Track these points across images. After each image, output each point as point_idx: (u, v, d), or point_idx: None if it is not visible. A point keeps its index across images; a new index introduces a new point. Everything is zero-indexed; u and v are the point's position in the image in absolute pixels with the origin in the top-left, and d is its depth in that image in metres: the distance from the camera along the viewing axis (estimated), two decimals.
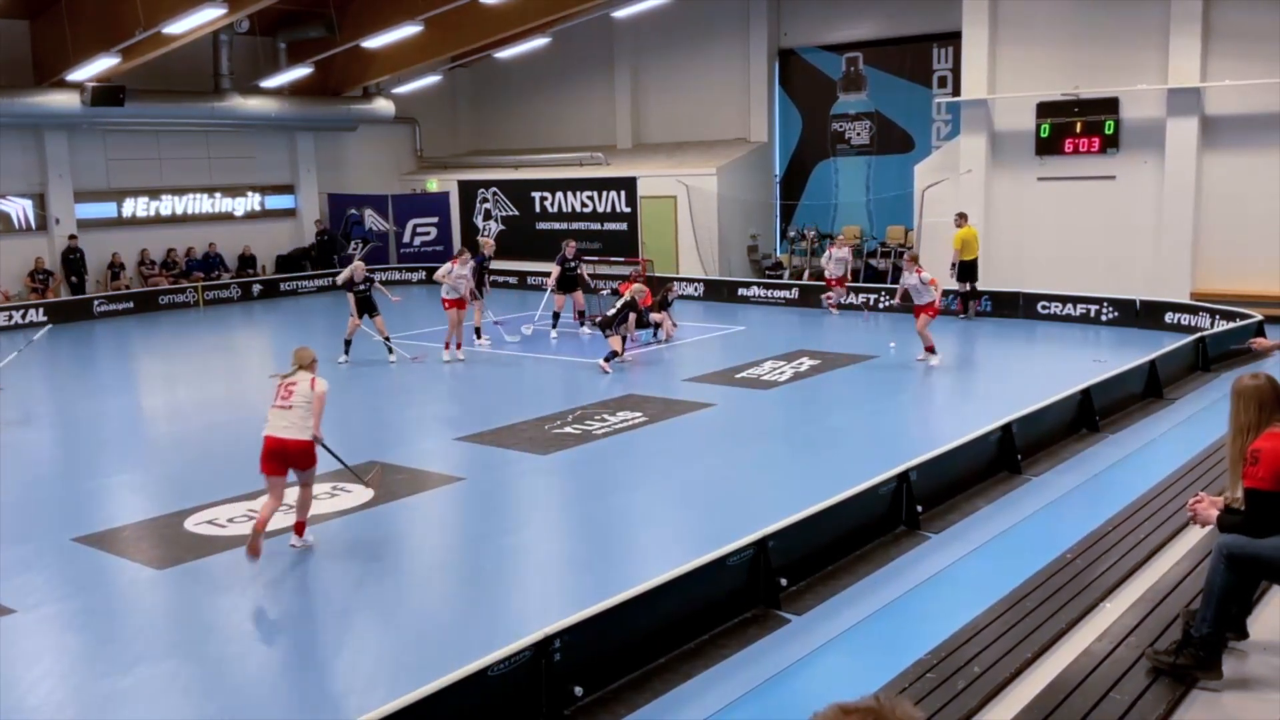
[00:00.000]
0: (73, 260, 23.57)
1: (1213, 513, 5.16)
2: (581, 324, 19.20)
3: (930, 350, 15.47)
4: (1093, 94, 19.65)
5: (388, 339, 16.86)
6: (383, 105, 27.76)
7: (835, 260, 21.12)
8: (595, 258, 24.90)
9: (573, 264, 18.94)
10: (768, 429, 12.84)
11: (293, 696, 6.50)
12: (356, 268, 16.65)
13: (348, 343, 16.71)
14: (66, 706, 6.38)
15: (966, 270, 19.82)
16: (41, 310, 22.32)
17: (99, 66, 20.93)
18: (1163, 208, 19.37)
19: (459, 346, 16.76)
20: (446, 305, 16.71)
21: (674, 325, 18.61)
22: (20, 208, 23.33)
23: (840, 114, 25.02)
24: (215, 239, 26.04)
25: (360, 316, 16.55)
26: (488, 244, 20.05)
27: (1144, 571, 6.94)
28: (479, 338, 18.22)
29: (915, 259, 16.04)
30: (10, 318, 21.95)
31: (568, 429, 12.30)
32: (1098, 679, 5.33)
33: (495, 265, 21.02)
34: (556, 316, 18.92)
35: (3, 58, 22.05)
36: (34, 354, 19.90)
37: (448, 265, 16.92)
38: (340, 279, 17.05)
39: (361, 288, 16.47)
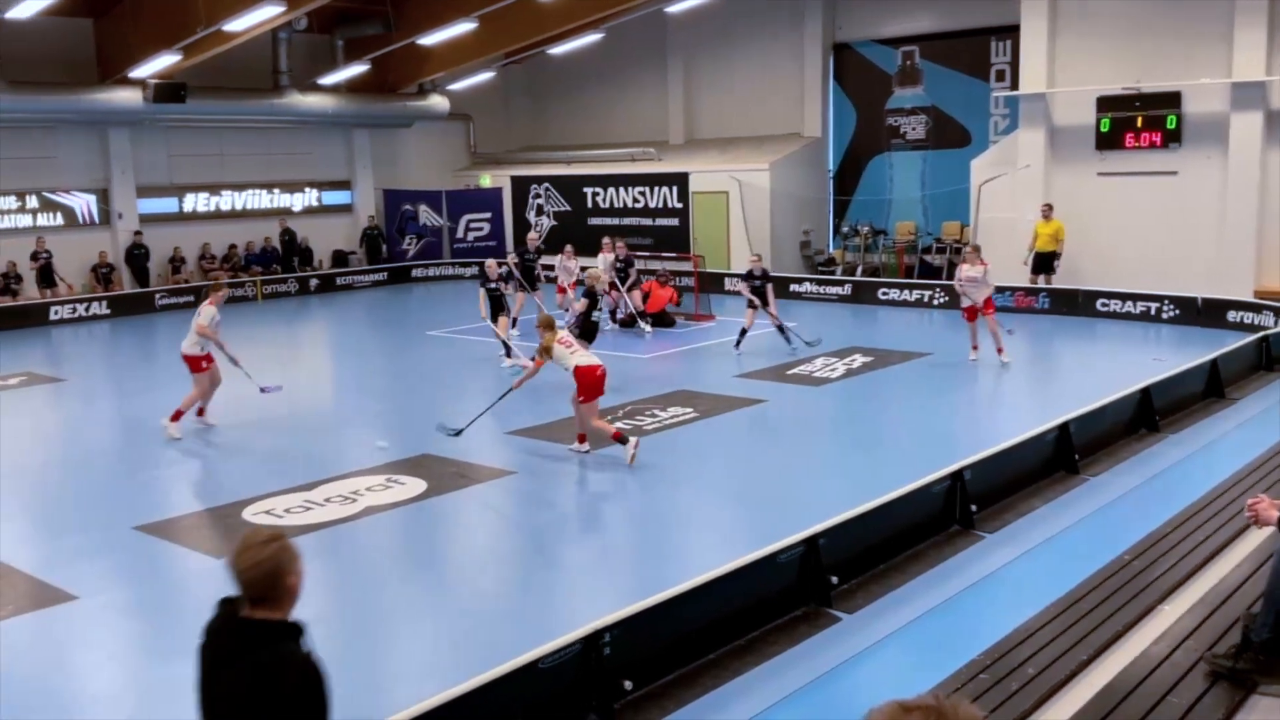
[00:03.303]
0: (137, 256, 24.04)
1: (1273, 514, 5.05)
2: (634, 323, 19.28)
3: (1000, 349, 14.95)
4: (1154, 88, 19.29)
5: (505, 342, 16.06)
6: (438, 102, 27.98)
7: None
8: (646, 253, 24.91)
9: (621, 263, 19.26)
10: (819, 426, 12.78)
11: (346, 684, 6.54)
12: (489, 265, 16.10)
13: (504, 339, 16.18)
14: (127, 692, 6.51)
15: (1044, 262, 19.74)
16: (105, 303, 22.81)
17: (161, 64, 21.30)
18: (1226, 204, 18.98)
19: (201, 413, 12.76)
20: (196, 365, 12.42)
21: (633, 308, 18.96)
22: (84, 203, 23.83)
23: (895, 108, 24.80)
24: (274, 234, 26.39)
25: (494, 317, 15.90)
26: (533, 239, 20.18)
27: (1203, 574, 6.82)
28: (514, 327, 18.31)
29: (978, 250, 15.44)
30: (74, 310, 22.43)
31: (618, 424, 12.31)
32: (1155, 682, 5.25)
33: (547, 260, 21.09)
34: (613, 314, 19.19)
35: (68, 56, 22.51)
36: (97, 347, 20.37)
37: (209, 310, 12.40)
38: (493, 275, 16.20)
39: (493, 286, 15.89)
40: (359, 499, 9.89)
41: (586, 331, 13.75)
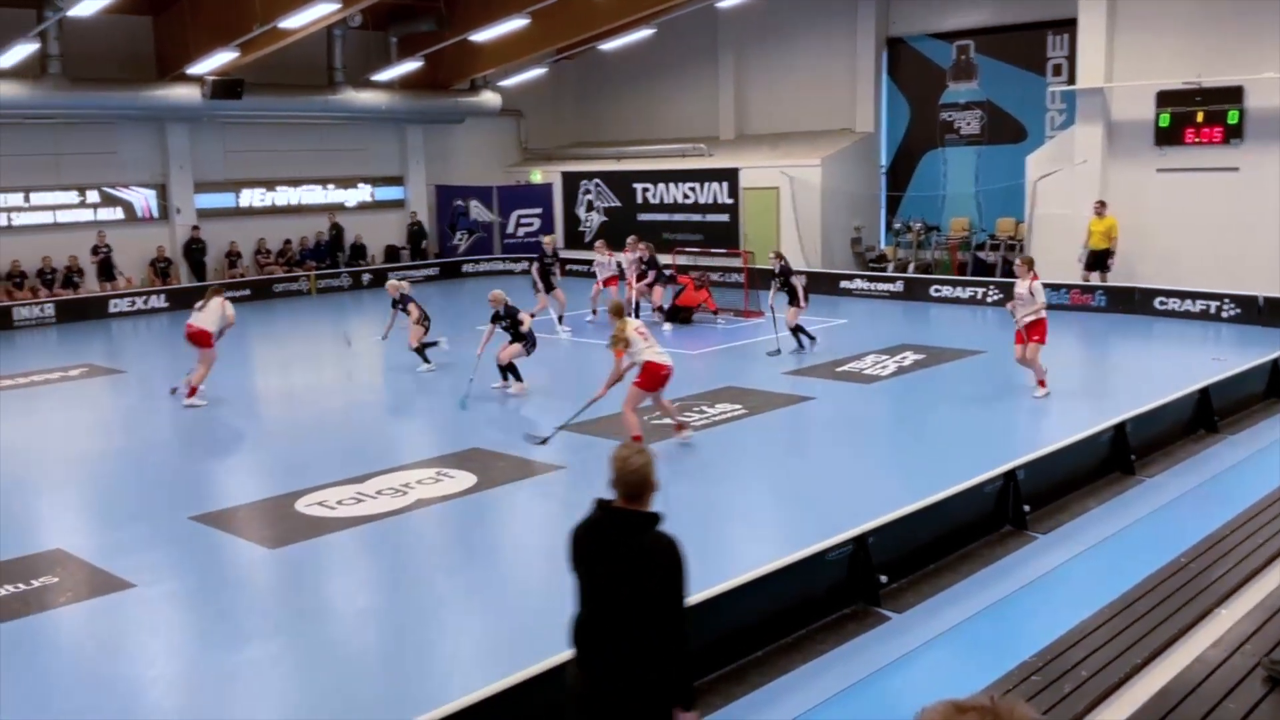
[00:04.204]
0: (195, 250, 24.42)
1: None
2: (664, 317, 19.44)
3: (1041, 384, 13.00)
4: (1215, 82, 18.90)
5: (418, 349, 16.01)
6: (489, 98, 28.13)
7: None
8: (696, 249, 24.89)
9: (645, 264, 19.63)
10: (869, 424, 12.68)
11: (397, 676, 6.64)
12: (390, 287, 16.67)
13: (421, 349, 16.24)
14: (181, 680, 6.62)
15: (1098, 259, 19.47)
16: (163, 297, 23.20)
17: (218, 61, 21.61)
18: None
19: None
20: (210, 340, 14.02)
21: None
22: (144, 198, 24.24)
23: (950, 103, 24.53)
24: (325, 229, 26.64)
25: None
26: (548, 242, 20.75)
27: (1262, 577, 6.68)
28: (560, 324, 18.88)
29: (1030, 264, 13.30)
30: (133, 303, 22.84)
31: (667, 420, 12.31)
32: (1211, 687, 5.15)
33: (584, 255, 21.29)
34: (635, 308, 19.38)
35: (128, 53, 22.91)
36: (155, 339, 20.73)
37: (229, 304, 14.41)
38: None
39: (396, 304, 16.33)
40: (410, 492, 9.99)
41: (530, 341, 13.80)
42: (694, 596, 6.22)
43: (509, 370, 13.91)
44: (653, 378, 10.76)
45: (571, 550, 4.42)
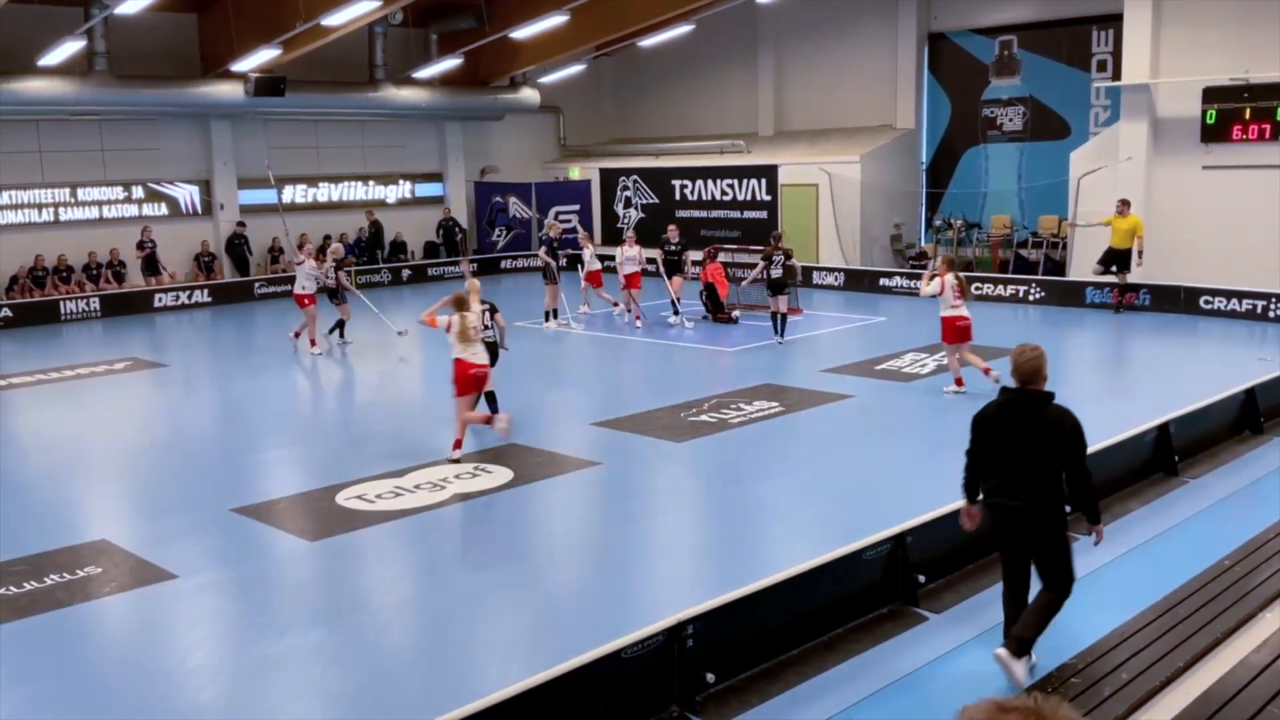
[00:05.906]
0: (238, 245, 24.68)
1: None
2: (675, 313, 19.28)
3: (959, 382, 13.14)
4: (1263, 78, 18.59)
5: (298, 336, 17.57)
6: (528, 95, 28.20)
7: None
8: (735, 246, 24.82)
9: (675, 247, 19.51)
10: (908, 422, 12.60)
11: (433, 668, 6.69)
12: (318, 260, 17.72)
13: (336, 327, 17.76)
14: (222, 670, 6.70)
15: (1119, 258, 19.08)
16: (206, 292, 23.47)
17: (261, 58, 21.81)
18: None
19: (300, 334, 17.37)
20: (302, 302, 16.97)
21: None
22: (188, 193, 24.53)
23: (992, 99, 24.30)
24: (364, 225, 26.82)
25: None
26: (554, 226, 20.58)
27: None
28: (554, 318, 18.94)
29: (950, 264, 13.22)
30: (177, 298, 23.13)
31: (703, 417, 12.31)
32: (1254, 691, 5.08)
33: (608, 251, 21.29)
34: (675, 303, 19.24)
35: (172, 50, 23.18)
36: (199, 333, 20.98)
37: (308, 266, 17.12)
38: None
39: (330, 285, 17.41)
40: (448, 486, 10.05)
41: (490, 351, 11.63)
42: (730, 594, 6.24)
43: (489, 399, 11.80)
44: (459, 375, 10.61)
45: (982, 426, 6.09)
